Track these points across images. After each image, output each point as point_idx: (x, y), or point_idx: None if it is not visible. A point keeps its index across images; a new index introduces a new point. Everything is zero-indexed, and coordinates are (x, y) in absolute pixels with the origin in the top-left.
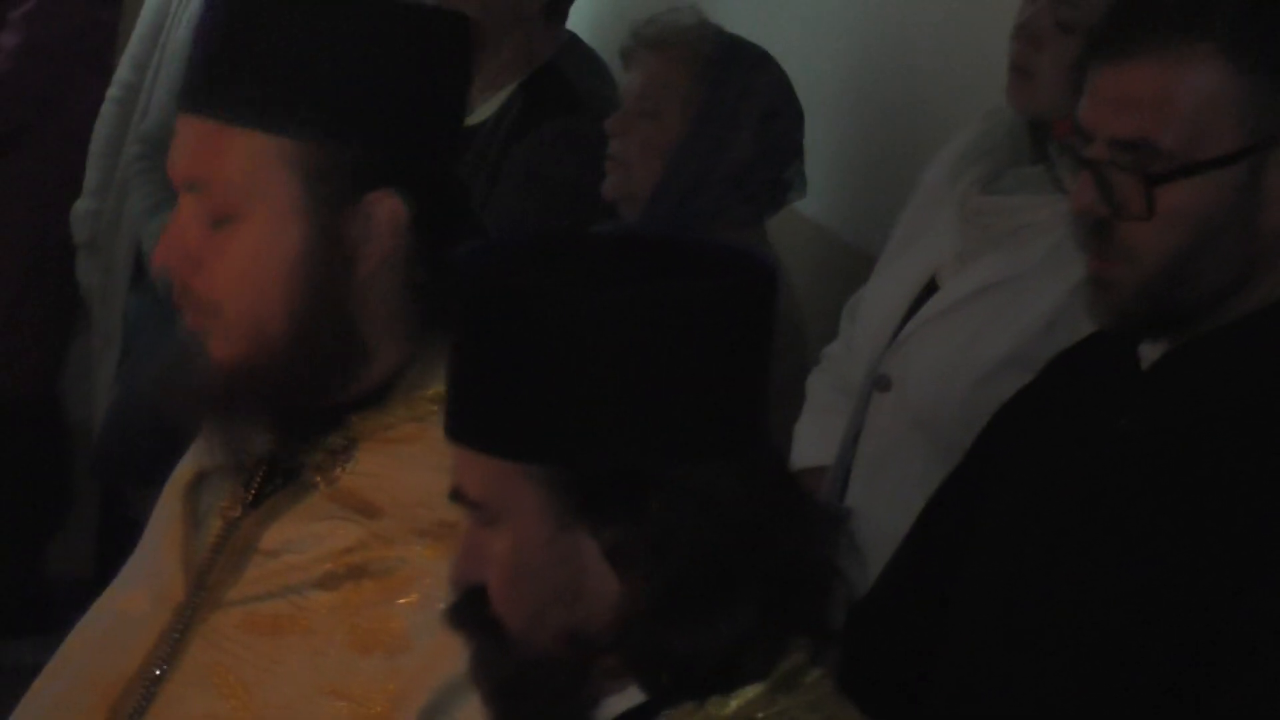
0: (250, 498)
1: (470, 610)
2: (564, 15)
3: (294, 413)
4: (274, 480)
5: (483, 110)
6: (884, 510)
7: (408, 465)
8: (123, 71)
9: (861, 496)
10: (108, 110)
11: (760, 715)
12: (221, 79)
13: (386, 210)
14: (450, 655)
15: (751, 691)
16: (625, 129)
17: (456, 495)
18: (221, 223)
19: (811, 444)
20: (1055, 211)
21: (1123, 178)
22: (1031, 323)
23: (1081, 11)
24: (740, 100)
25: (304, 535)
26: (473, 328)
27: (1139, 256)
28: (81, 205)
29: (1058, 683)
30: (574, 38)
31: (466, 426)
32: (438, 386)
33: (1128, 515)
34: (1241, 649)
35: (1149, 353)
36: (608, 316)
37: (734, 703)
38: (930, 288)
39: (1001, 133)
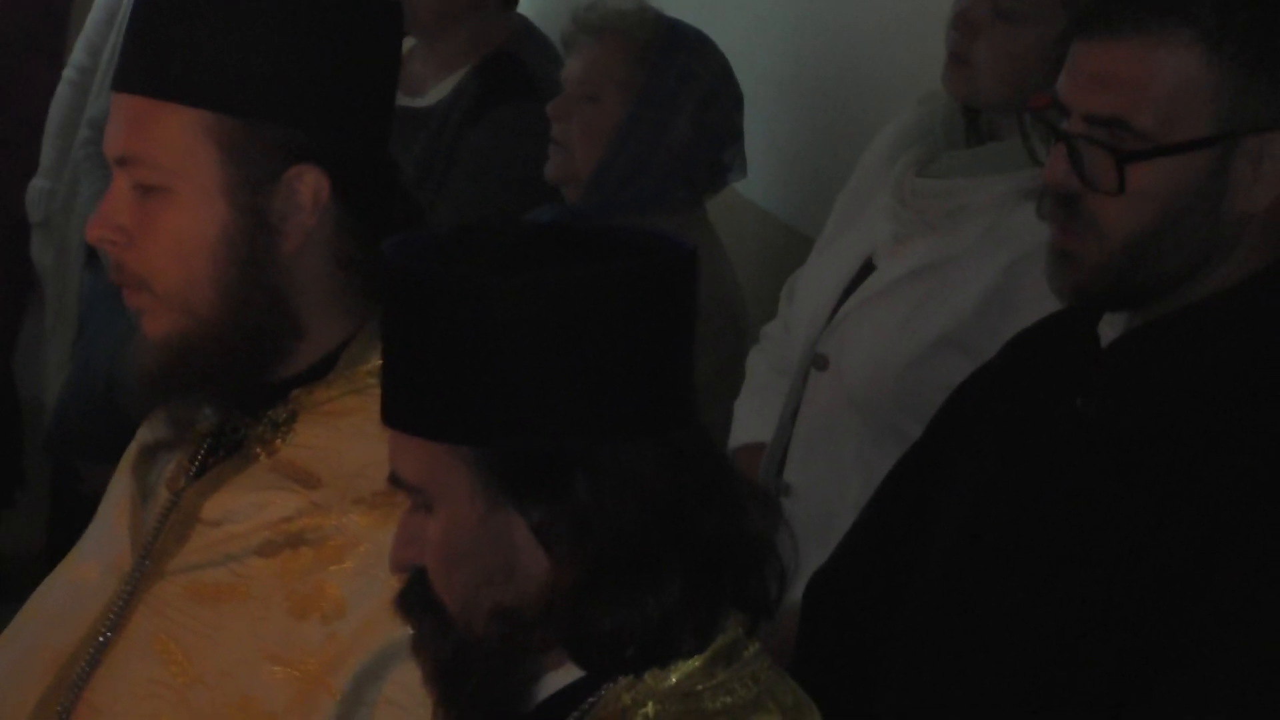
0: (194, 469)
1: (415, 595)
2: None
3: (233, 388)
4: (218, 452)
5: (435, 92)
6: (820, 487)
7: (346, 436)
8: (78, 54)
9: (798, 474)
10: (63, 92)
11: (700, 687)
12: (148, 56)
13: (308, 185)
14: (385, 621)
15: (690, 665)
16: (566, 113)
17: (394, 480)
18: (150, 198)
19: (750, 421)
20: (990, 194)
21: (1096, 153)
22: (965, 303)
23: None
24: (679, 84)
25: (244, 505)
26: (397, 315)
27: (1104, 232)
28: (36, 185)
29: (1015, 665)
30: (528, 23)
31: (398, 411)
32: (377, 360)
33: (1084, 497)
34: (1200, 632)
35: (1108, 332)
36: (518, 301)
37: (673, 676)
38: (867, 268)
39: (937, 116)
